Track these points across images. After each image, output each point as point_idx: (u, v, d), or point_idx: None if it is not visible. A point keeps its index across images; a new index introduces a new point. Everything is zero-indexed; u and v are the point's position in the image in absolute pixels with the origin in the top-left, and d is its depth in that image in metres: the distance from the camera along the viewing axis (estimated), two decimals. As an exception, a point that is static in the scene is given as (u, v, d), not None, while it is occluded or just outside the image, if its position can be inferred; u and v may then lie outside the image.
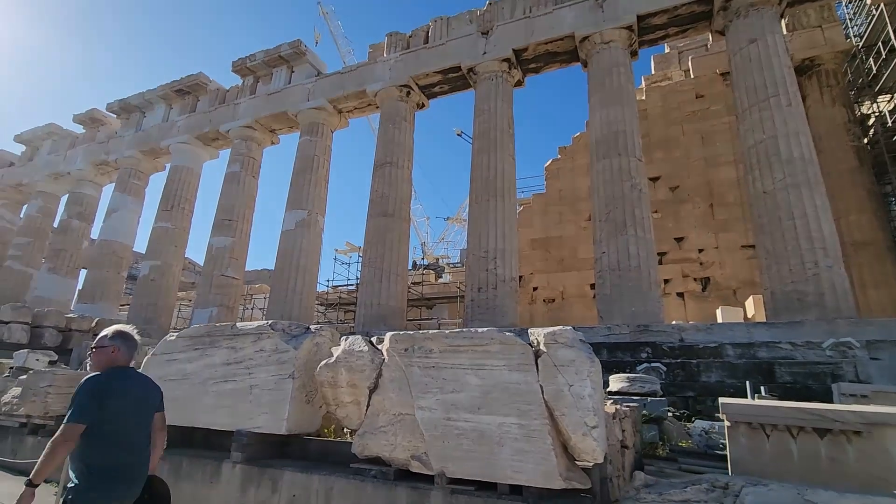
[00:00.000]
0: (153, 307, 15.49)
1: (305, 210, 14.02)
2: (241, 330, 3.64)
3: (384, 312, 11.96)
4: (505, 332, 2.50)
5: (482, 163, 12.08)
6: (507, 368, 2.42)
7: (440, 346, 2.62)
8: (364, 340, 2.97)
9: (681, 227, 12.90)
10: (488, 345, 2.49)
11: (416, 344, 2.69)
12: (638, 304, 9.50)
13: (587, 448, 2.17)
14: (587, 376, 2.24)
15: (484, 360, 2.49)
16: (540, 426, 2.28)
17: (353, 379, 2.88)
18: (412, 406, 2.62)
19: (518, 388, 2.37)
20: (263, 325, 3.57)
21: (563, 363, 2.29)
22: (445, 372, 2.56)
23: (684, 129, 13.72)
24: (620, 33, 11.62)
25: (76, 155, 19.97)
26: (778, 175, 9.18)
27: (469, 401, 2.47)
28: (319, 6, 43.03)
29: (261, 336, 3.49)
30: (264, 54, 16.19)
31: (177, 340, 3.92)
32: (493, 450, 2.36)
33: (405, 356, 2.72)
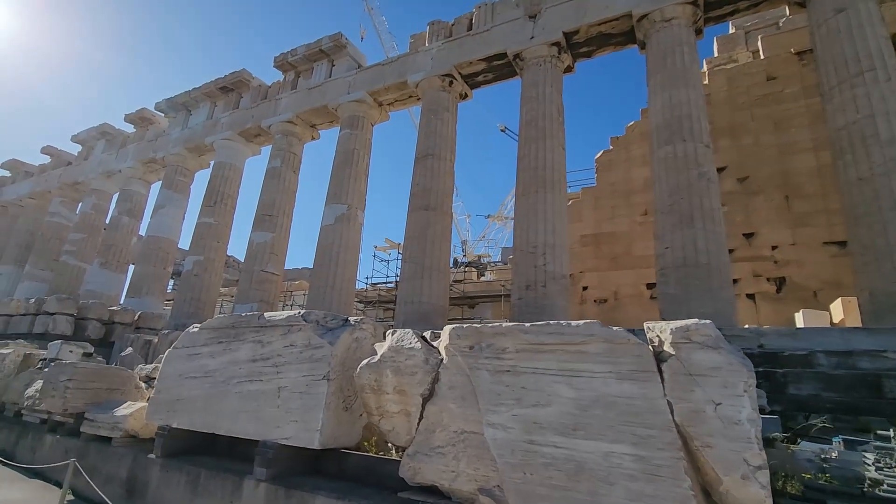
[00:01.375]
0: (196, 302, 15.55)
1: (345, 204, 13.66)
2: (269, 321, 3.11)
3: (425, 310, 11.40)
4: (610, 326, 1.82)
5: (530, 153, 11.33)
6: (613, 376, 1.75)
7: (517, 343, 1.98)
8: (415, 335, 2.36)
9: (751, 222, 11.71)
10: (585, 343, 1.83)
11: (485, 340, 2.06)
12: (707, 305, 8.51)
13: (749, 498, 1.47)
14: (743, 391, 1.54)
15: (579, 364, 1.83)
16: (670, 460, 1.60)
17: (402, 383, 2.27)
18: (480, 422, 1.99)
19: (632, 405, 1.70)
20: (294, 315, 3.02)
21: (703, 371, 1.60)
22: (525, 378, 1.92)
23: (753, 115, 12.49)
24: (684, 9, 10.60)
25: (127, 153, 20.51)
26: (876, 159, 7.99)
27: (559, 418, 1.82)
28: (365, 2, 43.29)
29: (291, 328, 2.94)
30: (305, 48, 16.01)
31: (199, 332, 3.44)
32: (597, 489, 1.69)
33: (470, 356, 2.09)
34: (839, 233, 10.97)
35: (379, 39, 43.38)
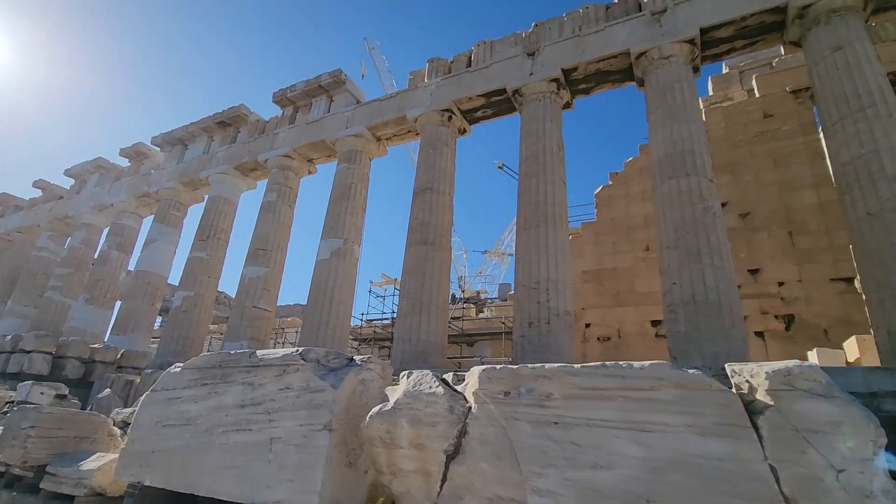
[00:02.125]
0: (183, 339, 14.94)
1: (341, 239, 13.37)
2: (261, 360, 2.73)
3: (423, 349, 10.93)
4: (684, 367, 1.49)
5: (531, 187, 11.19)
6: (694, 431, 1.40)
7: (564, 387, 1.64)
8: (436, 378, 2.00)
9: (755, 258, 11.51)
10: (654, 388, 1.49)
11: (523, 384, 1.71)
12: (720, 344, 8.17)
13: None
14: (872, 454, 1.20)
15: (647, 415, 1.48)
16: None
17: (420, 436, 1.90)
18: (522, 487, 1.61)
19: (722, 469, 1.35)
20: (291, 353, 2.65)
21: (816, 426, 1.26)
22: (577, 432, 1.56)
23: (752, 152, 12.53)
24: (682, 47, 10.76)
25: (120, 187, 20.27)
26: (885, 194, 7.88)
27: (625, 485, 1.45)
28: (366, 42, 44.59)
29: (287, 368, 2.57)
30: (304, 84, 16.12)
31: (182, 373, 3.04)
32: (680, 581, 1.31)
33: (505, 404, 1.74)
34: (845, 269, 10.78)
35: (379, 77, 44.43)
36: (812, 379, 1.34)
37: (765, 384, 1.38)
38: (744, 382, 1.45)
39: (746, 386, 1.43)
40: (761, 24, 10.49)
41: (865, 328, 10.17)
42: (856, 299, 10.46)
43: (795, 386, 1.33)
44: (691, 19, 10.75)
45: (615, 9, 12.05)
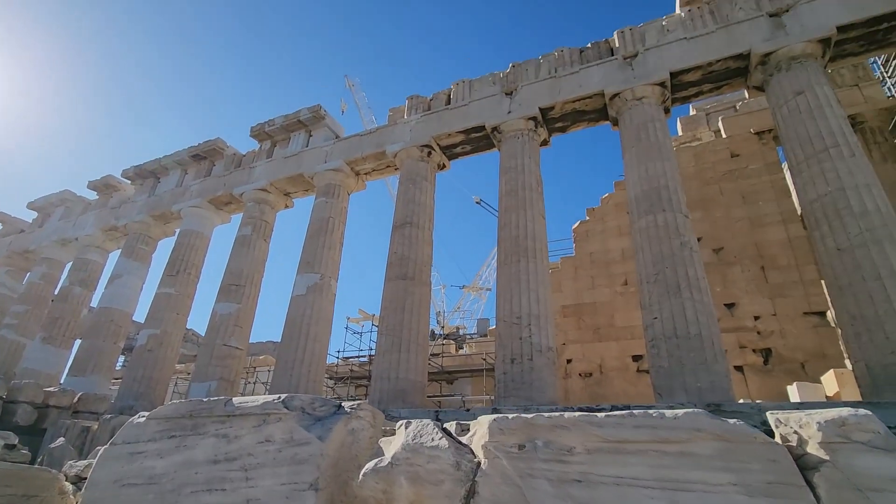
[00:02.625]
0: (147, 381, 14.10)
1: (318, 274, 13.04)
2: (238, 408, 2.48)
3: (403, 387, 10.55)
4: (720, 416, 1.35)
5: (510, 221, 11.23)
6: (740, 491, 1.25)
7: (587, 440, 1.47)
8: (437, 428, 1.81)
9: (730, 293, 11.70)
10: (691, 441, 1.35)
11: (539, 436, 1.54)
12: (703, 378, 8.12)
13: None
14: (945, 516, 1.07)
15: (685, 472, 1.33)
16: None
17: (422, 497, 1.69)
18: (543, 559, 1.42)
19: (773, 535, 1.19)
20: (272, 400, 2.41)
21: (879, 484, 1.13)
22: (604, 492, 1.39)
23: (722, 189, 12.95)
24: (653, 89, 11.20)
25: (86, 220, 19.53)
26: (853, 230, 8.15)
27: (662, 555, 1.28)
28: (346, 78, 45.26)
29: (268, 418, 2.32)
30: (283, 119, 16.08)
31: (146, 424, 2.74)
32: None
33: (520, 459, 1.55)
34: (817, 303, 11.04)
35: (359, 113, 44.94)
36: (869, 430, 1.22)
37: (817, 436, 1.25)
38: (791, 434, 1.32)
39: (795, 437, 1.30)
40: (726, 69, 11.04)
41: (840, 361, 10.35)
42: (829, 333, 10.67)
43: (851, 438, 1.20)
44: (661, 64, 11.24)
45: (588, 52, 12.54)
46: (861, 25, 9.96)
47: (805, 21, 10.22)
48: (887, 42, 10.42)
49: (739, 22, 10.88)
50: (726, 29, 10.95)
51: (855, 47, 10.49)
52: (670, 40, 11.43)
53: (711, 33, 11.05)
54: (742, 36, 10.71)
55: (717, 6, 11.35)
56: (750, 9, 10.94)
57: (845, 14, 9.93)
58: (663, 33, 11.66)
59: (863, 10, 9.86)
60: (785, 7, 10.54)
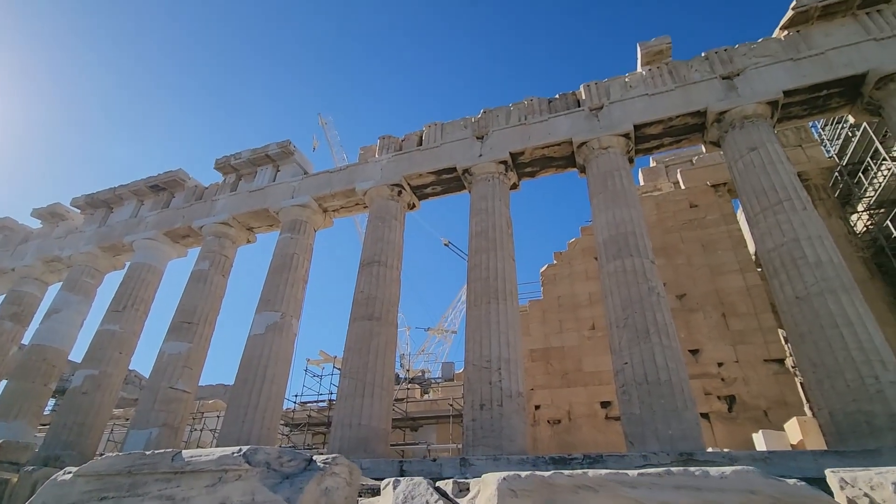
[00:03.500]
0: (79, 427, 12.80)
1: (279, 312, 12.44)
2: (188, 463, 2.12)
3: (365, 435, 9.95)
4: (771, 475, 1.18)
5: (481, 263, 11.15)
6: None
7: None
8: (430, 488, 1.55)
9: (694, 339, 11.89)
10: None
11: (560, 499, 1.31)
12: (674, 426, 8.02)
13: None
14: None
15: (733, 543, 1.13)
16: None
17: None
18: None
19: None
20: (231, 454, 2.07)
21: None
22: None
23: (683, 237, 13.41)
24: (618, 140, 11.66)
25: (26, 250, 18.21)
26: (809, 279, 8.48)
27: None
28: (319, 116, 45.44)
29: (224, 475, 1.98)
30: (251, 153, 15.77)
31: (73, 481, 2.31)
32: None
33: (535, 528, 1.32)
34: (776, 350, 11.34)
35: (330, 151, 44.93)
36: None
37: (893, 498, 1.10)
38: (861, 496, 1.18)
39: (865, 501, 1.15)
40: (685, 124, 11.66)
41: (801, 409, 10.54)
42: (789, 380, 10.91)
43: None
44: (625, 116, 11.78)
45: (556, 103, 13.03)
46: (804, 91, 10.81)
47: (755, 85, 11.00)
48: (827, 107, 11.32)
49: (696, 82, 11.61)
50: (684, 88, 11.65)
51: (799, 111, 11.34)
52: (633, 95, 12.04)
53: (671, 91, 11.73)
54: (698, 95, 11.41)
55: (675, 67, 12.11)
56: (704, 71, 11.73)
57: (790, 80, 10.77)
58: (626, 89, 12.28)
59: (804, 78, 10.73)
60: (736, 71, 11.36)
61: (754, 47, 11.50)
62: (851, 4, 10.89)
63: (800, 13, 11.14)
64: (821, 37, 10.99)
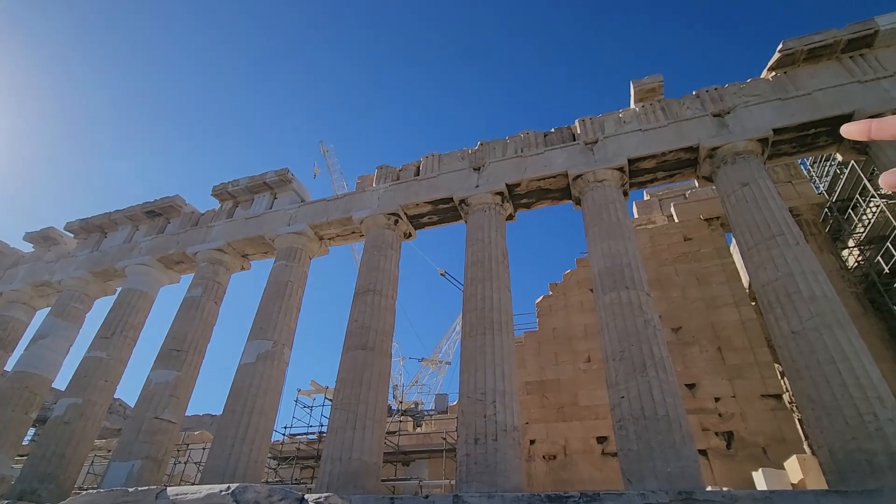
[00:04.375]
0: (58, 459, 12.36)
1: (271, 340, 12.25)
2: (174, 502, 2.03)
3: (356, 469, 9.66)
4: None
5: (476, 293, 11.10)
6: None
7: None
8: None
9: (690, 373, 11.78)
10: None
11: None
12: (672, 463, 7.85)
13: None
14: None
15: None
16: None
17: None
18: None
19: None
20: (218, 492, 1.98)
21: None
22: None
23: (677, 270, 13.48)
24: (613, 173, 11.84)
25: (16, 274, 17.99)
26: (804, 314, 8.49)
27: None
28: (321, 144, 46.06)
29: (211, 516, 1.89)
30: (248, 180, 15.85)
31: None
32: None
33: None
34: (773, 385, 11.24)
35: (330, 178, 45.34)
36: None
37: None
38: None
39: None
40: (678, 159, 11.89)
41: (799, 445, 10.38)
42: (787, 416, 10.78)
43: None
44: (619, 151, 12.01)
45: (552, 136, 13.29)
46: (793, 129, 11.10)
47: (745, 123, 11.30)
48: (815, 145, 11.61)
49: (688, 119, 11.91)
50: (676, 124, 11.94)
51: (788, 148, 11.61)
52: (627, 130, 12.31)
53: (663, 127, 12.00)
54: (690, 131, 11.68)
55: (668, 104, 12.44)
56: (696, 108, 12.04)
57: (779, 119, 11.08)
58: (620, 124, 12.56)
59: (793, 117, 11.04)
60: (726, 109, 11.67)
61: (743, 87, 11.85)
62: (836, 48, 11.31)
63: (786, 55, 11.54)
64: (807, 78, 11.36)
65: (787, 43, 11.49)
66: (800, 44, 11.39)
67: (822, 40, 11.31)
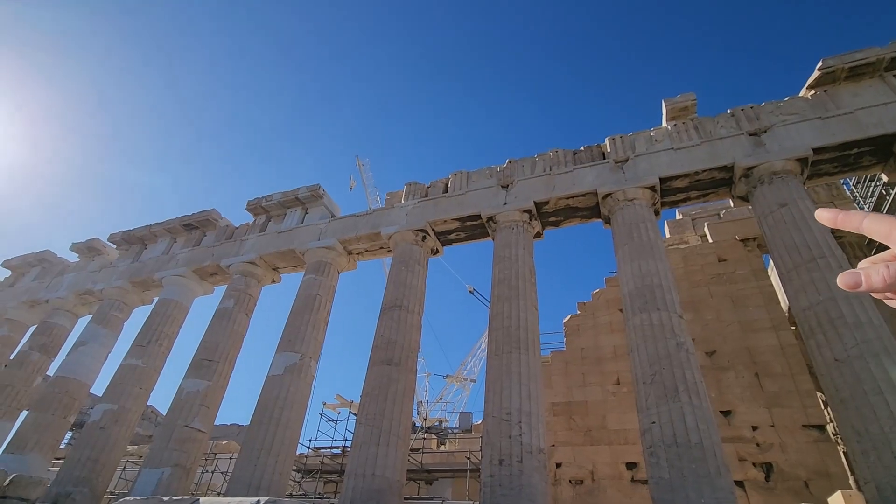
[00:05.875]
0: (93, 464, 12.72)
1: (299, 353, 12.42)
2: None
3: (379, 486, 9.61)
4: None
5: (503, 311, 11.02)
6: None
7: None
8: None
9: (726, 399, 11.33)
10: None
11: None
12: (707, 494, 7.52)
13: None
14: None
15: None
16: None
17: None
18: None
19: None
20: None
21: None
22: None
23: (712, 292, 13.08)
24: (644, 192, 11.66)
25: (61, 283, 18.85)
26: (849, 342, 8.09)
27: None
28: (357, 158, 47.39)
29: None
30: (281, 195, 16.29)
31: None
32: None
33: None
34: (815, 416, 10.70)
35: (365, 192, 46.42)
36: None
37: None
38: None
39: None
40: (712, 179, 11.64)
41: (844, 480, 9.80)
42: (831, 448, 10.22)
43: None
44: (650, 169, 11.84)
45: (581, 155, 13.22)
46: (833, 149, 10.74)
47: (783, 142, 11.00)
48: (858, 165, 11.19)
49: (722, 138, 11.67)
50: (710, 143, 11.71)
51: (829, 168, 11.23)
52: (658, 149, 12.14)
53: (696, 146, 11.79)
54: (725, 151, 11.44)
55: (701, 123, 12.24)
56: (731, 127, 11.81)
57: (818, 138, 10.75)
58: (651, 143, 12.41)
59: (833, 136, 10.70)
60: (763, 128, 11.39)
61: (781, 105, 11.57)
62: (879, 66, 10.96)
63: (826, 74, 11.24)
64: (848, 97, 11.02)
65: (827, 61, 11.20)
66: (840, 62, 11.08)
67: (865, 58, 10.99)
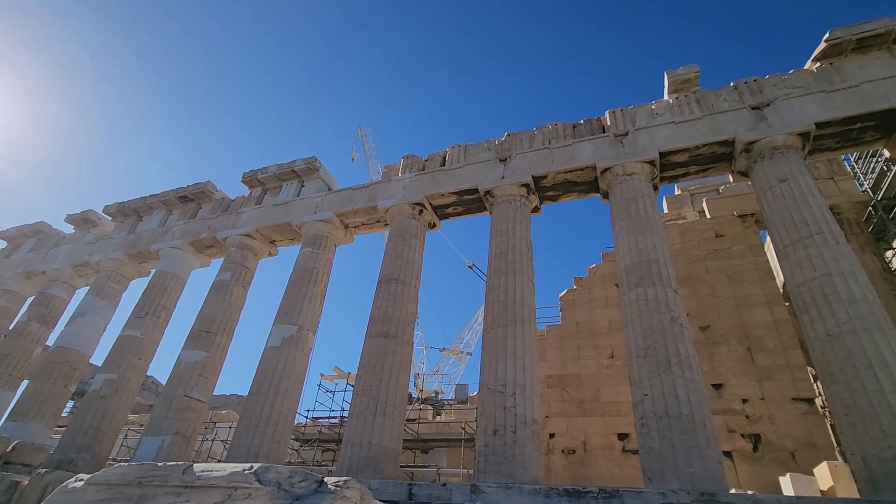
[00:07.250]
0: (94, 431, 12.94)
1: (295, 325, 12.49)
2: (199, 478, 2.09)
3: (375, 454, 9.81)
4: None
5: (499, 285, 11.05)
6: None
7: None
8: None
9: (718, 372, 11.50)
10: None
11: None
12: (695, 464, 7.69)
13: None
14: None
15: None
16: None
17: None
18: None
19: None
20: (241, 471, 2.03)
21: None
22: None
23: (708, 268, 13.11)
24: (643, 167, 11.55)
25: (57, 254, 18.79)
26: (841, 316, 8.15)
27: None
28: (360, 128, 46.90)
29: (234, 493, 1.94)
30: (277, 168, 16.10)
31: (84, 490, 2.30)
32: None
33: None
34: (804, 389, 10.88)
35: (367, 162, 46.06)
36: None
37: None
38: None
39: None
40: (712, 153, 11.50)
41: (831, 452, 10.04)
42: (818, 421, 10.43)
43: None
44: (650, 143, 11.68)
45: (581, 128, 13.03)
46: (837, 123, 10.58)
47: (785, 116, 10.83)
48: (861, 140, 11.05)
49: (724, 112, 11.48)
50: (712, 117, 11.53)
51: (832, 143, 11.09)
52: (659, 123, 11.96)
53: (698, 120, 11.61)
54: (726, 124, 11.27)
55: (703, 96, 12.03)
56: (733, 101, 11.60)
57: (822, 112, 10.58)
58: (652, 116, 12.22)
59: (838, 110, 10.52)
60: (766, 102, 11.20)
61: (785, 78, 11.35)
62: (887, 38, 10.72)
63: (833, 45, 11.00)
64: (855, 69, 10.81)
65: (835, 32, 10.94)
66: (848, 33, 10.82)
67: (873, 29, 10.73)
